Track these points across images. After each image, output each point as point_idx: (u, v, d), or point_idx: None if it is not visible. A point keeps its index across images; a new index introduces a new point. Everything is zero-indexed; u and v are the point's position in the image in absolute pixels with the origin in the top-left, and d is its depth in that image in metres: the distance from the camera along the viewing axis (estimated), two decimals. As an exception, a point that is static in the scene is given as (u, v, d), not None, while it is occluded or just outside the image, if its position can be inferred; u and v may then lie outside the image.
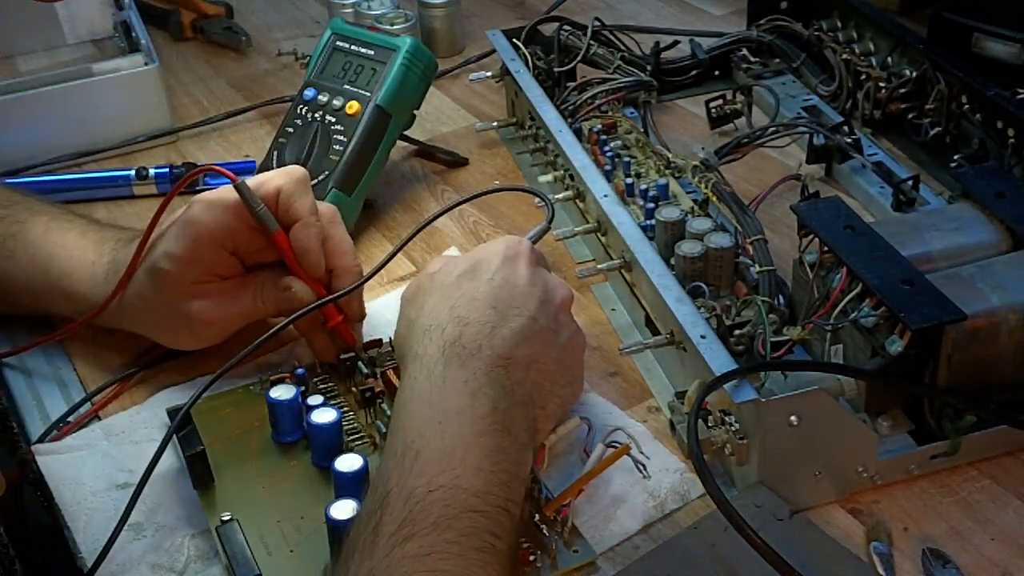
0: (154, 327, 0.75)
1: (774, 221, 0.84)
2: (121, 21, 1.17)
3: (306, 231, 0.71)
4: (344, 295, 0.72)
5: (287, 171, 0.73)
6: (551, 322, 0.64)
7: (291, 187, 0.72)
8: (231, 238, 0.72)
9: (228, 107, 1.13)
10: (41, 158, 1.03)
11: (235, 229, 0.71)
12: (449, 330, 0.62)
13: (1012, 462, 0.66)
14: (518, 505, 0.57)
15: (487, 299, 0.63)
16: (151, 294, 0.72)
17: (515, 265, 0.65)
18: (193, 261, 0.71)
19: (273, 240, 0.72)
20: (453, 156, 1.01)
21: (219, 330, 0.74)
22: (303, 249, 0.72)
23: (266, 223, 0.71)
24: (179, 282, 0.71)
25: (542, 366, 0.63)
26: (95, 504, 0.66)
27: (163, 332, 0.75)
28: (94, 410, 0.74)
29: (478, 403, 0.58)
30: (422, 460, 0.55)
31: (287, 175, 0.72)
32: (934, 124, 0.90)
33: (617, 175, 0.86)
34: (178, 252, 0.71)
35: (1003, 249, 0.69)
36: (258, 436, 0.69)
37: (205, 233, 0.71)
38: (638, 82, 0.97)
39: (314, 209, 0.72)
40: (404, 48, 0.90)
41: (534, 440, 0.62)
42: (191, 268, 0.71)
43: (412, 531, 0.52)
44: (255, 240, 0.72)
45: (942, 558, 0.60)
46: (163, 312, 0.73)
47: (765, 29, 1.06)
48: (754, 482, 0.63)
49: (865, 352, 0.64)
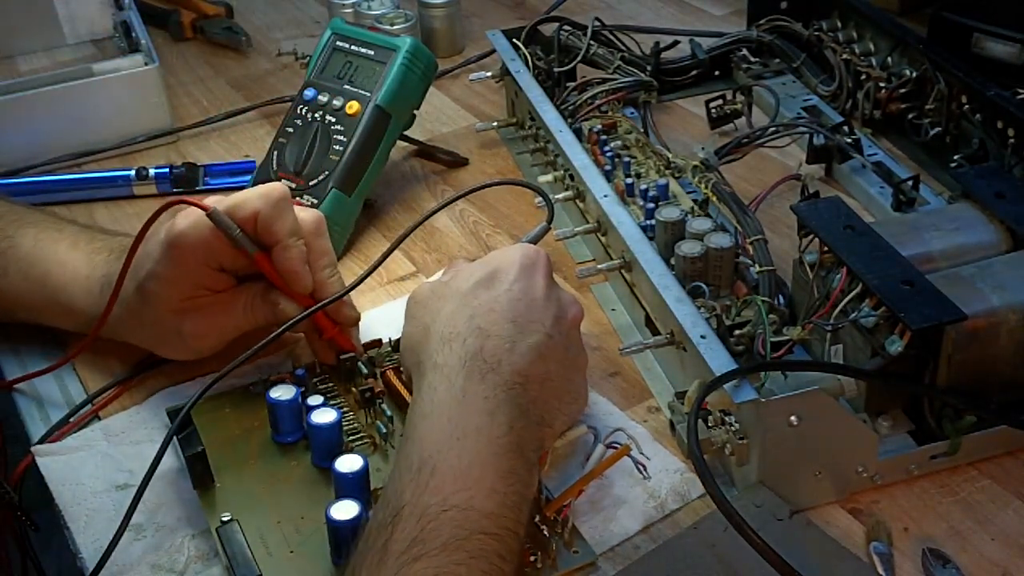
0: (148, 341, 0.75)
1: (774, 221, 0.84)
2: (121, 21, 1.17)
3: (287, 254, 0.70)
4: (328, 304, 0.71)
5: (265, 192, 0.70)
6: (564, 339, 0.64)
7: (268, 211, 0.69)
8: (215, 257, 0.70)
9: (228, 107, 1.13)
10: (41, 158, 1.03)
11: (218, 249, 0.70)
12: (470, 342, 0.61)
13: (1012, 462, 0.66)
14: (525, 527, 0.57)
15: (505, 311, 0.63)
16: (142, 312, 0.72)
17: (532, 276, 0.65)
18: (179, 281, 0.71)
19: (254, 262, 0.70)
20: (453, 156, 1.01)
21: (213, 342, 0.74)
22: (286, 271, 0.70)
23: (244, 247, 0.70)
24: (168, 300, 0.71)
25: (553, 384, 0.63)
26: (95, 505, 0.66)
27: (158, 345, 0.75)
28: (94, 411, 0.74)
29: (496, 422, 0.58)
30: (438, 477, 0.55)
31: (264, 197, 0.69)
32: (934, 124, 0.90)
33: (617, 175, 0.86)
34: (164, 273, 0.70)
35: (1003, 249, 0.69)
36: (258, 436, 0.69)
37: (189, 254, 0.69)
38: (638, 82, 0.97)
39: (294, 229, 0.70)
40: (404, 48, 0.90)
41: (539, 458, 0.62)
42: (179, 287, 0.71)
43: (422, 551, 0.52)
44: (240, 257, 0.71)
45: (942, 558, 0.60)
46: (155, 328, 0.73)
47: (765, 29, 1.06)
48: (754, 482, 0.63)
49: (865, 352, 0.64)
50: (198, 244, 0.69)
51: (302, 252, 0.71)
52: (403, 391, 0.70)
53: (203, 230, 0.69)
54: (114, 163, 1.04)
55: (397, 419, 0.69)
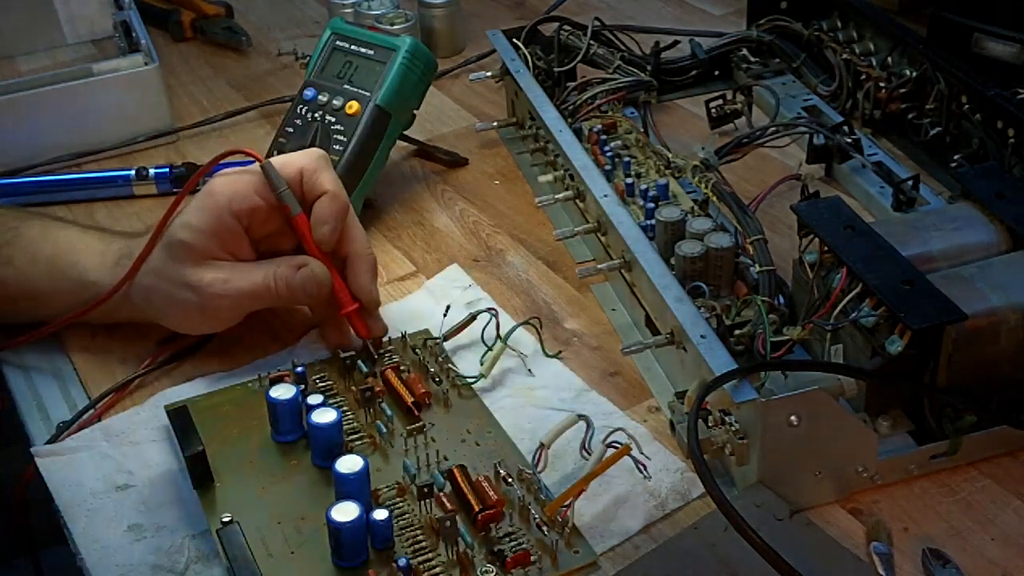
0: (163, 307, 0.74)
1: (774, 221, 0.84)
2: (121, 21, 1.17)
3: (332, 203, 0.73)
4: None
5: (307, 152, 0.75)
6: None
7: (313, 164, 0.73)
8: (248, 213, 0.72)
9: (228, 107, 1.12)
10: (41, 158, 1.03)
11: (254, 204, 0.72)
12: None
13: (1012, 462, 0.66)
14: None
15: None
16: (164, 268, 0.73)
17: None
18: (210, 232, 0.72)
19: (293, 223, 0.73)
20: (453, 156, 1.01)
21: (229, 308, 0.74)
22: (323, 219, 0.72)
23: (288, 204, 0.72)
24: (194, 252, 0.72)
25: None
26: (95, 505, 0.66)
27: (172, 311, 0.74)
28: (95, 416, 0.73)
29: None
30: None
31: (307, 155, 0.74)
32: (934, 124, 0.90)
33: (617, 175, 0.86)
34: (196, 222, 0.72)
35: (1003, 249, 0.69)
36: (258, 436, 0.69)
37: (224, 204, 0.72)
38: (638, 82, 0.97)
39: (339, 185, 0.74)
40: (404, 48, 0.90)
41: None
42: (207, 239, 0.72)
43: None
44: (271, 222, 0.73)
45: (942, 558, 0.60)
46: (174, 286, 0.73)
47: (765, 29, 1.06)
48: (754, 482, 0.63)
49: (865, 352, 0.64)
50: (235, 196, 0.72)
51: (345, 207, 0.73)
52: (403, 391, 0.70)
53: (244, 184, 0.72)
54: (114, 163, 1.04)
55: (397, 419, 0.69)
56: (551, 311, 0.81)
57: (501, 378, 0.74)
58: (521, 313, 0.80)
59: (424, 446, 0.68)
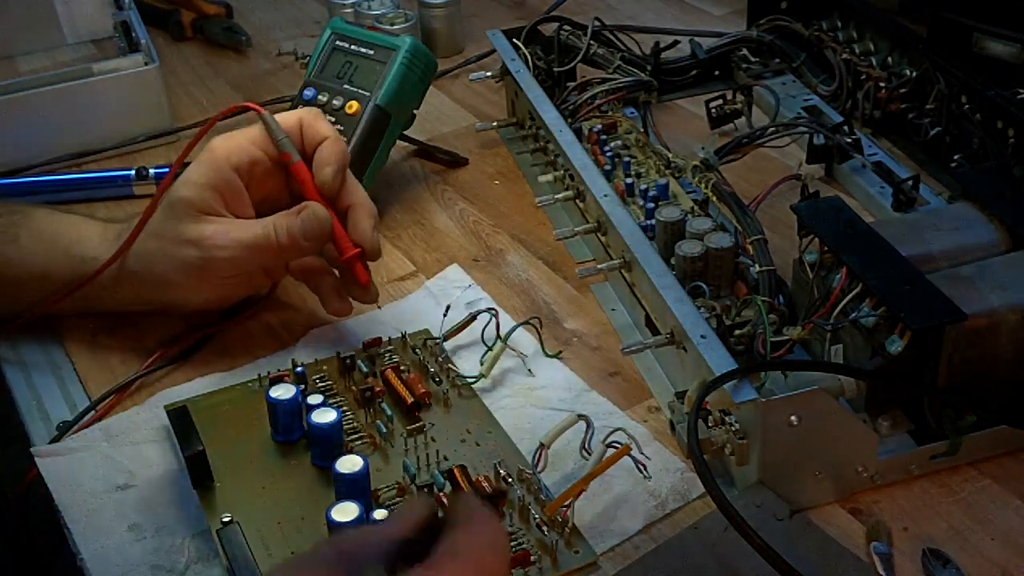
0: (163, 272, 0.74)
1: (774, 221, 0.84)
2: (121, 21, 1.17)
3: (334, 146, 0.74)
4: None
5: (303, 109, 0.77)
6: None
7: (311, 115, 0.75)
8: (248, 167, 0.74)
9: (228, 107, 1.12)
10: (41, 158, 1.03)
11: (253, 157, 0.74)
12: None
13: (1012, 462, 0.66)
14: None
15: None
16: (165, 227, 0.73)
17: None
18: (210, 187, 0.73)
19: (292, 170, 0.74)
20: (453, 156, 1.01)
21: (230, 262, 0.73)
22: (326, 161, 0.73)
23: (288, 152, 0.73)
24: (194, 207, 0.73)
25: None
26: (95, 506, 0.66)
27: (173, 274, 0.74)
28: (95, 418, 0.73)
29: None
30: None
31: (305, 109, 0.77)
32: (934, 124, 0.90)
33: (617, 175, 0.86)
34: (196, 178, 0.73)
35: (1003, 249, 0.69)
36: (258, 436, 0.69)
37: (223, 157, 0.73)
38: (638, 82, 0.97)
39: (338, 134, 0.75)
40: (404, 48, 0.90)
41: None
42: (208, 194, 0.73)
43: None
44: (271, 179, 0.75)
45: (942, 558, 0.60)
46: (175, 244, 0.73)
47: (765, 29, 1.06)
48: (754, 482, 0.63)
49: (865, 352, 0.64)
50: (234, 149, 0.73)
51: (345, 152, 0.75)
52: (403, 391, 0.70)
53: (243, 138, 0.74)
54: (114, 163, 1.04)
55: (397, 419, 0.69)
56: (551, 311, 0.81)
57: (501, 378, 0.74)
58: (521, 313, 0.80)
59: (424, 446, 0.68)
